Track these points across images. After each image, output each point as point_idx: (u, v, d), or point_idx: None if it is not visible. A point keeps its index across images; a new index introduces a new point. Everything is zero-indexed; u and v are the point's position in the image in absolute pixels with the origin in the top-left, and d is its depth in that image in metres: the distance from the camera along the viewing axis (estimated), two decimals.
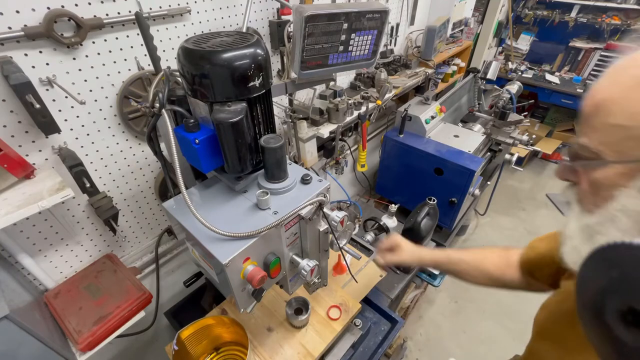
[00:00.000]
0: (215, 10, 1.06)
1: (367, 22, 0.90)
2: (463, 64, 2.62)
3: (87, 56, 0.84)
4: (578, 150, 0.44)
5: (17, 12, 0.72)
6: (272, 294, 1.24)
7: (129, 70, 0.94)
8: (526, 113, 4.02)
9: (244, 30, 1.02)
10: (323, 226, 0.80)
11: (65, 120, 0.87)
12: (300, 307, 1.16)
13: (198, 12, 1.02)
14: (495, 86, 2.31)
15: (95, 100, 0.90)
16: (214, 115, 0.64)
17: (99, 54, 0.86)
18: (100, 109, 0.92)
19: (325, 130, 1.46)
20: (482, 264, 0.89)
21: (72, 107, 0.87)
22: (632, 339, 0.22)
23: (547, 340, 0.66)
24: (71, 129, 0.89)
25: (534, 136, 3.83)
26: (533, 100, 3.23)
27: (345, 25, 0.86)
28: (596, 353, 0.26)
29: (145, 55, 0.94)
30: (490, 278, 0.87)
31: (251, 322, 1.15)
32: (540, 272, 0.77)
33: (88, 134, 0.92)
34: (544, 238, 0.79)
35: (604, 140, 0.41)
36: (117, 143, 1.00)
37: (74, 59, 0.83)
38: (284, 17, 1.21)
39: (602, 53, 3.62)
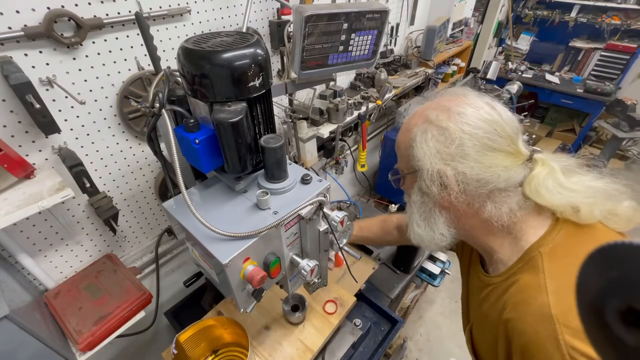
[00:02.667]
0: (215, 10, 1.06)
1: (367, 22, 0.90)
2: (463, 64, 2.62)
3: (87, 56, 0.84)
4: (396, 171, 0.73)
5: (17, 12, 0.72)
6: (268, 293, 1.23)
7: (129, 70, 0.94)
8: (526, 113, 4.01)
9: (244, 30, 1.02)
10: (323, 226, 0.80)
11: (65, 120, 0.87)
12: (297, 304, 1.16)
13: (198, 12, 1.01)
14: (495, 86, 2.31)
15: (95, 100, 0.90)
16: (214, 115, 0.64)
17: (99, 54, 0.86)
18: (100, 109, 0.92)
19: (325, 130, 1.46)
20: (364, 235, 1.22)
21: (72, 107, 0.87)
22: (632, 340, 0.22)
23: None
24: (71, 129, 0.89)
25: (534, 136, 3.83)
26: (533, 100, 3.23)
27: (345, 25, 0.86)
28: (597, 354, 0.26)
29: (145, 55, 0.94)
30: (375, 240, 1.33)
31: (248, 321, 1.15)
32: None
33: (88, 134, 0.92)
34: None
35: (401, 163, 0.70)
36: (117, 143, 1.00)
37: (74, 59, 0.83)
38: (284, 17, 1.21)
39: (602, 53, 3.63)
